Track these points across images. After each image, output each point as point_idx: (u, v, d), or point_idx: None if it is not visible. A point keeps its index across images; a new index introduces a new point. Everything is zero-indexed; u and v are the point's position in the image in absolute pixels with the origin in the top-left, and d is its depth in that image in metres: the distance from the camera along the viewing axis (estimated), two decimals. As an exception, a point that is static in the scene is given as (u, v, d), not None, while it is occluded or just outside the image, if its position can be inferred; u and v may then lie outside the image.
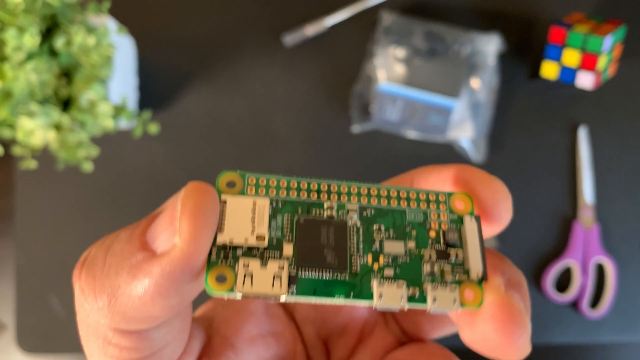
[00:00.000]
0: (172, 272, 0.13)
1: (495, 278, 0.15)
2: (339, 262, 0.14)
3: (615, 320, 0.50)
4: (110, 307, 0.13)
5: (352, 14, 0.50)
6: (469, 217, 0.15)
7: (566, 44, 0.46)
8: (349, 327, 0.19)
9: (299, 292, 0.13)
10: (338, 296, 0.14)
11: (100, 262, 0.14)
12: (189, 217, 0.13)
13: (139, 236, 0.14)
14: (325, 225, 0.15)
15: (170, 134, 0.51)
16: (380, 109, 0.49)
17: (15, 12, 0.37)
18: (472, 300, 0.14)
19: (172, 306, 0.13)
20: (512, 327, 0.14)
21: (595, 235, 0.49)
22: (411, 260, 0.15)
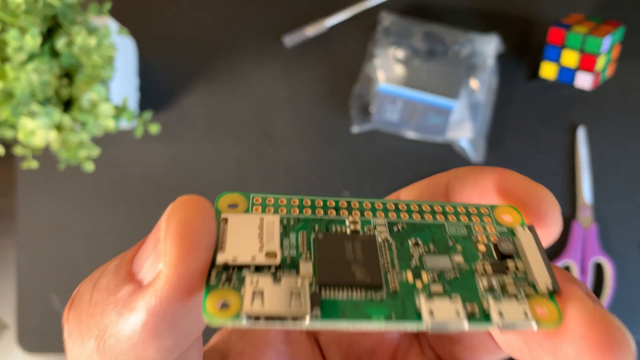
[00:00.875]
0: (158, 305, 0.10)
1: (573, 287, 0.12)
2: (373, 278, 0.11)
3: (614, 320, 0.50)
4: (99, 352, 0.11)
5: (352, 15, 0.50)
6: (521, 228, 0.13)
7: (565, 45, 0.46)
8: (379, 352, 0.17)
9: (324, 315, 0.11)
10: (376, 318, 0.11)
11: (86, 300, 0.12)
12: (173, 236, 0.10)
13: (126, 266, 0.12)
14: (349, 240, 0.12)
15: (171, 135, 0.51)
16: (379, 109, 0.49)
17: (16, 13, 0.37)
18: (548, 317, 0.11)
19: (169, 347, 0.11)
20: (614, 349, 0.10)
21: (593, 235, 0.50)
22: (462, 275, 0.12)
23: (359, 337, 0.17)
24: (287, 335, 0.16)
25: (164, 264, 0.10)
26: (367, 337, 0.17)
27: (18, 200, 0.51)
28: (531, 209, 0.13)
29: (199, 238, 0.11)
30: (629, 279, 0.50)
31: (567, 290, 0.12)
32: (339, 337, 0.17)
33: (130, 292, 0.11)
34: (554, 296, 0.12)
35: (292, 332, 0.17)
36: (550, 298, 0.12)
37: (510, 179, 0.13)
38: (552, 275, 0.12)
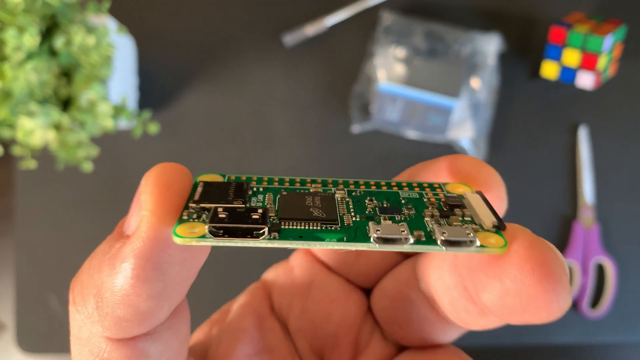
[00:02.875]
0: (142, 246, 0.12)
1: (516, 225, 0.13)
2: (328, 215, 0.13)
3: (615, 320, 0.50)
4: (98, 309, 0.12)
5: (352, 14, 0.50)
6: (470, 192, 0.14)
7: (566, 44, 0.46)
8: (342, 337, 0.18)
9: (282, 237, 0.12)
10: (329, 240, 0.12)
11: (86, 267, 0.13)
12: (151, 186, 0.12)
13: (117, 229, 0.13)
14: (310, 195, 0.13)
15: (170, 134, 0.51)
16: (380, 109, 0.49)
17: (15, 12, 0.36)
18: (494, 243, 0.12)
19: (158, 294, 0.12)
20: (552, 272, 0.11)
21: (595, 235, 0.49)
22: (411, 218, 0.13)
23: (321, 322, 0.18)
24: (260, 322, 0.18)
25: (144, 210, 0.12)
26: (329, 320, 0.18)
27: (16, 200, 0.51)
28: (478, 183, 0.14)
29: (173, 186, 0.12)
30: (630, 279, 0.50)
31: (512, 227, 0.12)
32: (304, 324, 0.18)
33: (120, 246, 0.12)
34: (500, 232, 0.12)
35: (265, 321, 0.18)
36: (496, 232, 0.12)
37: (461, 160, 0.15)
38: (498, 217, 0.13)
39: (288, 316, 0.18)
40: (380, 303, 0.18)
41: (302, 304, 0.18)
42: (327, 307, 0.18)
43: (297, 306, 0.18)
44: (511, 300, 0.12)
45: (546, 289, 0.11)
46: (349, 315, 0.18)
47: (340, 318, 0.18)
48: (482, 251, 0.12)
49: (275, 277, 0.19)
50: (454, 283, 0.14)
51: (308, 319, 0.18)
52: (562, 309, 0.11)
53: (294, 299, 0.18)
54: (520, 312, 0.12)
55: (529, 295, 0.11)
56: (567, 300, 0.11)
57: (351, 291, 0.18)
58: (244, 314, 0.18)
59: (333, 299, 0.18)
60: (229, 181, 0.14)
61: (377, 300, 0.18)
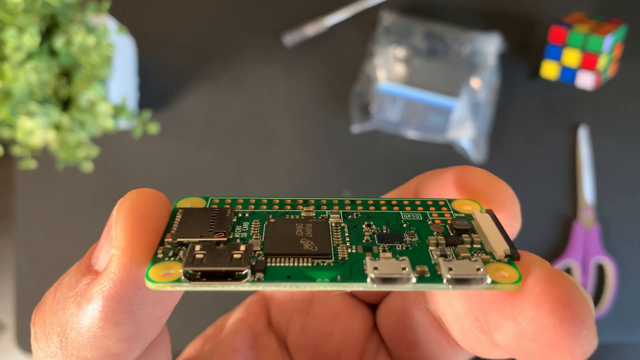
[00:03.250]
0: (112, 288, 0.11)
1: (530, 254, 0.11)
2: (320, 248, 0.11)
3: (615, 320, 0.50)
4: (62, 348, 0.11)
5: (352, 14, 0.50)
6: (479, 212, 0.12)
7: (566, 44, 0.46)
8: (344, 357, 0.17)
9: (268, 278, 0.11)
10: (321, 280, 0.11)
11: (50, 301, 0.12)
12: (122, 221, 0.11)
13: (85, 261, 0.12)
14: (301, 222, 0.12)
15: (170, 134, 0.50)
16: (380, 109, 0.49)
17: (15, 12, 0.36)
18: (507, 277, 0.10)
19: (129, 336, 0.11)
20: (575, 313, 0.10)
21: (595, 235, 0.49)
22: (413, 248, 0.12)
23: (322, 340, 0.17)
24: (255, 341, 0.17)
25: (115, 248, 0.11)
26: (330, 339, 0.17)
27: (16, 200, 0.51)
28: (489, 200, 0.13)
29: (147, 220, 0.11)
30: (630, 280, 0.50)
31: (527, 257, 0.11)
32: (305, 341, 0.17)
33: (88, 283, 0.11)
34: (513, 262, 0.11)
35: (260, 338, 0.17)
36: (509, 263, 0.11)
37: (469, 173, 0.13)
38: (511, 244, 0.11)
39: (287, 332, 0.17)
40: (386, 322, 0.17)
41: (303, 320, 0.17)
42: (329, 325, 0.17)
43: (297, 322, 0.17)
44: (528, 344, 0.10)
45: (568, 332, 0.10)
46: (352, 334, 0.17)
47: (343, 336, 0.17)
48: (494, 288, 0.10)
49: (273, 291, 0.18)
50: (464, 312, 0.12)
51: (309, 336, 0.17)
52: (587, 353, 0.10)
53: (293, 315, 0.17)
54: (539, 356, 0.10)
55: (548, 339, 0.10)
56: (592, 343, 0.10)
57: (355, 307, 0.17)
58: (238, 331, 0.17)
59: (335, 316, 0.17)
60: (211, 207, 0.13)
61: (383, 319, 0.17)
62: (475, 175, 0.13)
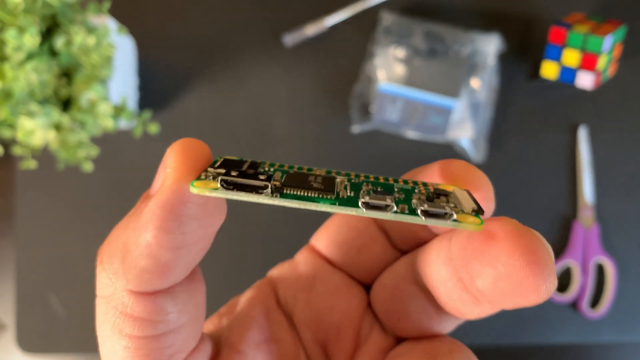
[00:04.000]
0: (165, 199, 0.13)
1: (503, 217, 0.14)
2: (326, 187, 0.14)
3: (615, 320, 0.50)
4: (123, 263, 0.13)
5: (352, 14, 0.50)
6: (457, 189, 0.15)
7: (566, 44, 0.46)
8: (345, 328, 0.19)
9: (282, 196, 0.14)
10: (322, 203, 0.14)
11: (114, 231, 0.14)
12: (175, 151, 0.13)
13: (143, 197, 0.14)
14: (313, 175, 0.15)
15: (170, 134, 0.51)
16: (380, 109, 0.49)
17: (15, 12, 0.37)
18: (471, 222, 0.13)
19: (178, 246, 0.13)
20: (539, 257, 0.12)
21: (595, 235, 0.49)
22: (400, 200, 0.14)
23: (325, 311, 0.19)
24: (268, 314, 0.19)
25: (169, 167, 0.13)
26: (333, 312, 0.19)
27: (17, 200, 0.51)
28: (467, 184, 0.15)
29: (196, 151, 0.14)
30: (630, 279, 0.50)
31: (498, 217, 0.14)
32: (309, 315, 0.19)
33: (145, 203, 0.13)
34: (479, 215, 0.14)
35: (272, 312, 0.19)
36: (475, 215, 0.13)
37: (452, 164, 0.16)
38: (479, 205, 0.14)
39: (293, 309, 0.19)
40: (380, 296, 0.19)
41: (307, 296, 0.19)
42: (330, 299, 0.19)
43: (302, 299, 0.19)
44: (503, 284, 0.13)
45: (534, 272, 0.12)
46: (351, 307, 0.19)
47: (343, 309, 0.19)
48: (458, 225, 0.13)
49: (280, 273, 0.20)
50: (448, 274, 0.15)
51: (312, 310, 0.19)
52: (549, 290, 0.12)
53: (298, 293, 0.19)
54: (512, 294, 0.13)
55: (519, 278, 0.12)
56: (553, 282, 0.12)
57: (353, 285, 0.19)
58: (252, 304, 0.19)
59: (336, 292, 0.19)
60: (244, 160, 0.15)
61: (377, 294, 0.19)
62: (456, 165, 0.16)
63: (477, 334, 0.50)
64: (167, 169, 0.13)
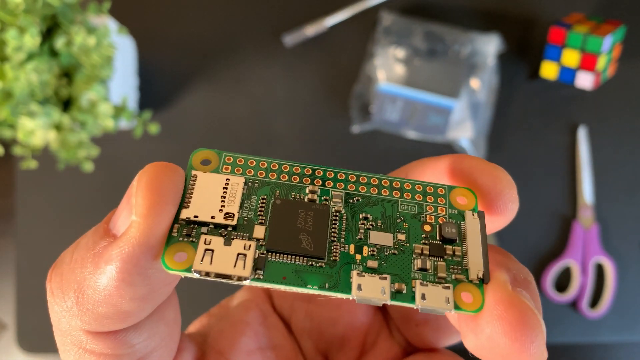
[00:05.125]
0: (131, 252, 0.12)
1: (500, 274, 0.12)
2: (316, 249, 0.13)
3: (615, 320, 0.50)
4: (78, 304, 0.12)
5: (352, 14, 0.50)
6: (471, 213, 0.13)
7: (566, 44, 0.46)
8: (349, 339, 0.18)
9: (266, 277, 0.12)
10: (311, 287, 0.12)
11: (67, 260, 0.13)
12: (144, 191, 0.12)
13: (103, 225, 0.13)
14: (304, 209, 0.13)
15: (170, 134, 0.51)
16: (380, 109, 0.49)
17: (15, 13, 0.37)
18: (471, 303, 0.12)
19: (142, 297, 0.12)
20: (524, 330, 0.11)
21: (594, 235, 0.49)
22: (400, 253, 0.13)
23: (328, 325, 0.18)
24: (264, 319, 0.18)
25: (136, 215, 0.12)
26: (336, 324, 0.18)
27: (17, 200, 0.51)
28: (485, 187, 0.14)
29: (166, 192, 0.12)
30: (630, 279, 0.50)
31: (495, 279, 0.12)
32: (309, 325, 0.18)
33: (106, 245, 0.12)
34: (483, 285, 0.12)
35: (269, 317, 0.18)
36: (478, 286, 0.12)
37: (465, 160, 0.14)
38: (486, 264, 0.13)
39: (290, 317, 0.18)
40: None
41: (306, 307, 0.18)
42: (333, 312, 0.18)
43: (301, 309, 0.18)
44: (486, 355, 0.12)
45: (519, 353, 0.11)
46: (356, 319, 0.18)
47: (348, 322, 0.18)
48: (457, 312, 0.12)
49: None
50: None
51: (313, 321, 0.18)
52: None
53: (295, 302, 0.18)
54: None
55: (502, 355, 0.12)
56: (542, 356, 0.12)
57: None
58: (247, 308, 0.18)
59: (340, 304, 0.18)
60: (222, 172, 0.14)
61: None
62: (470, 163, 0.14)
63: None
64: (133, 215, 0.12)
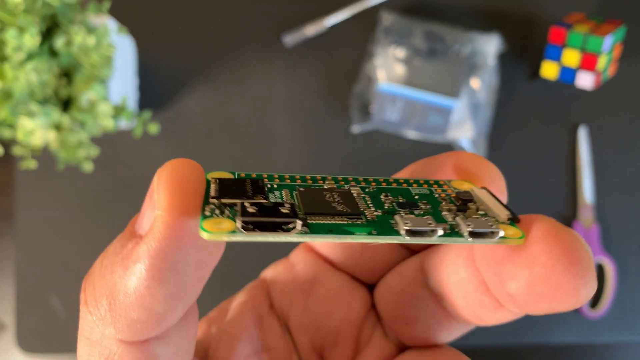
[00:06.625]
0: (158, 247, 0.11)
1: (535, 215, 0.13)
2: (352, 210, 0.13)
3: (615, 320, 0.50)
4: (111, 311, 0.12)
5: (352, 14, 0.50)
6: (476, 188, 0.14)
7: (566, 44, 0.46)
8: (344, 334, 0.18)
9: (313, 231, 0.12)
10: (359, 233, 0.12)
11: (98, 267, 0.13)
12: (164, 184, 0.12)
13: (128, 229, 0.13)
14: (328, 191, 0.13)
15: (170, 134, 0.51)
16: (380, 109, 0.49)
17: (15, 12, 0.37)
18: (512, 234, 0.12)
19: (173, 295, 0.12)
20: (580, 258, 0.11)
21: (595, 235, 0.49)
22: (429, 213, 0.13)
23: (323, 317, 0.18)
24: (260, 321, 0.18)
25: (159, 209, 0.11)
26: (332, 317, 0.18)
27: (17, 200, 0.51)
28: (480, 179, 0.15)
29: (188, 183, 0.12)
30: (630, 279, 0.50)
31: (529, 217, 0.13)
32: (307, 320, 0.18)
33: (133, 246, 0.12)
34: (515, 224, 0.13)
35: (263, 318, 0.18)
36: (511, 224, 0.13)
37: (463, 157, 0.15)
38: (510, 210, 0.13)
39: (289, 313, 0.18)
40: (386, 300, 0.17)
41: (304, 300, 0.18)
42: (329, 304, 0.18)
43: (299, 303, 0.18)
44: (540, 287, 0.12)
45: (575, 274, 0.11)
46: (351, 313, 0.18)
47: (343, 315, 0.18)
48: (503, 242, 0.12)
49: (275, 274, 0.19)
50: (469, 277, 0.14)
51: (310, 315, 0.18)
52: (589, 295, 0.11)
53: (295, 296, 0.18)
54: (549, 298, 0.12)
55: (558, 281, 0.11)
56: (593, 286, 0.11)
57: (354, 288, 0.18)
58: (243, 312, 0.18)
59: (336, 296, 0.18)
60: (241, 178, 0.13)
61: (382, 297, 0.18)
62: (468, 158, 0.15)
63: (477, 334, 0.50)
64: (156, 210, 0.12)
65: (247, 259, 0.51)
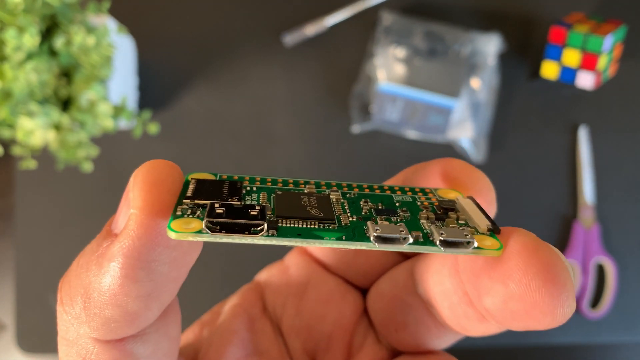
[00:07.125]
0: (131, 245, 0.11)
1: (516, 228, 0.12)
2: (325, 214, 0.12)
3: (615, 320, 0.50)
4: (86, 309, 0.12)
5: (352, 14, 0.50)
6: (461, 197, 0.14)
7: (566, 44, 0.46)
8: (336, 338, 0.17)
9: (280, 234, 0.12)
10: (328, 238, 0.12)
11: (74, 267, 0.13)
12: (140, 184, 0.12)
13: (106, 227, 0.13)
14: (305, 196, 0.13)
15: (170, 134, 0.51)
16: (380, 109, 0.49)
17: (15, 12, 0.36)
18: (490, 245, 0.12)
19: (147, 294, 0.12)
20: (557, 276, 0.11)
21: (595, 235, 0.49)
22: (407, 220, 0.13)
23: (316, 320, 0.18)
24: (252, 324, 0.17)
25: (133, 207, 0.11)
26: (324, 321, 0.18)
27: (16, 200, 0.51)
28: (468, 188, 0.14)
29: (163, 182, 0.12)
30: (630, 279, 0.50)
31: (510, 229, 0.12)
32: (299, 323, 0.18)
33: (108, 245, 0.12)
34: (495, 235, 0.12)
35: (256, 322, 0.18)
36: (491, 235, 0.12)
37: (452, 164, 0.15)
38: (492, 221, 0.13)
39: (282, 316, 0.18)
40: (377, 305, 0.17)
41: (297, 303, 0.18)
42: (322, 308, 0.18)
43: (292, 306, 0.18)
44: (515, 305, 0.11)
45: (551, 293, 0.11)
46: (344, 316, 0.18)
47: (336, 319, 0.18)
48: (478, 253, 0.12)
49: (269, 277, 0.19)
50: (453, 287, 0.14)
51: (303, 318, 0.18)
52: (566, 315, 0.11)
53: (288, 299, 0.18)
54: (524, 317, 0.11)
55: (533, 299, 0.11)
56: (571, 306, 0.11)
57: (347, 292, 0.18)
58: (235, 315, 0.18)
59: (329, 299, 0.18)
60: (221, 179, 0.14)
61: (374, 302, 0.17)
62: (457, 166, 0.15)
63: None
64: (130, 209, 0.12)
65: (244, 261, 0.51)
